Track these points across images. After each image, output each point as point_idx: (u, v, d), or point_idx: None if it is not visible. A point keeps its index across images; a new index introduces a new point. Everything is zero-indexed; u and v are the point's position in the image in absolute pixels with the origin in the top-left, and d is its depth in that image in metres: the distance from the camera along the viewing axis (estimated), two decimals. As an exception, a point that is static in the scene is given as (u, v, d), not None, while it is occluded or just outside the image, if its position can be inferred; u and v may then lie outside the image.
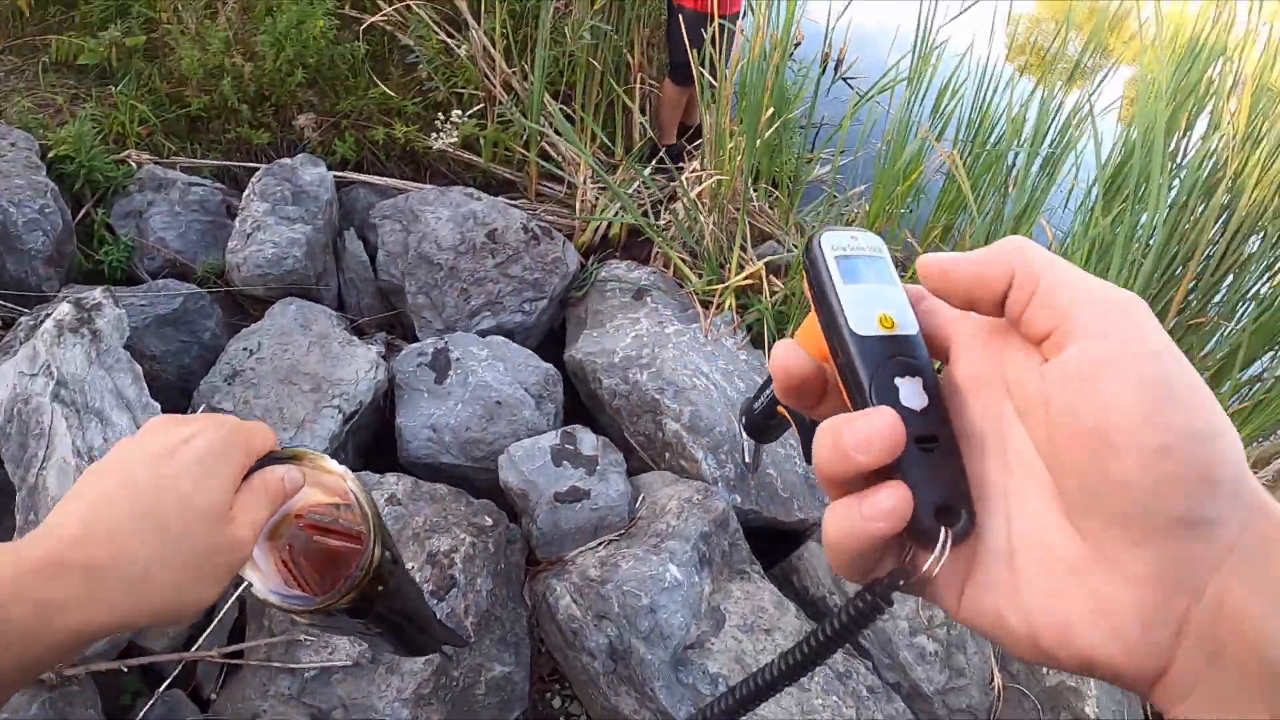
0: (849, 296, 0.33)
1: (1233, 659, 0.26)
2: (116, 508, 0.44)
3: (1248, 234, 2.61)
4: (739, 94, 2.59)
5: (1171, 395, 0.26)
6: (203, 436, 0.49)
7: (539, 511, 2.01)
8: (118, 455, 0.48)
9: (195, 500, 0.46)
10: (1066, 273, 0.29)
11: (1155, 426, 0.25)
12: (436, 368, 2.34)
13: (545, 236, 2.63)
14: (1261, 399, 2.61)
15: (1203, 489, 0.25)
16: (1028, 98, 2.63)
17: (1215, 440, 0.26)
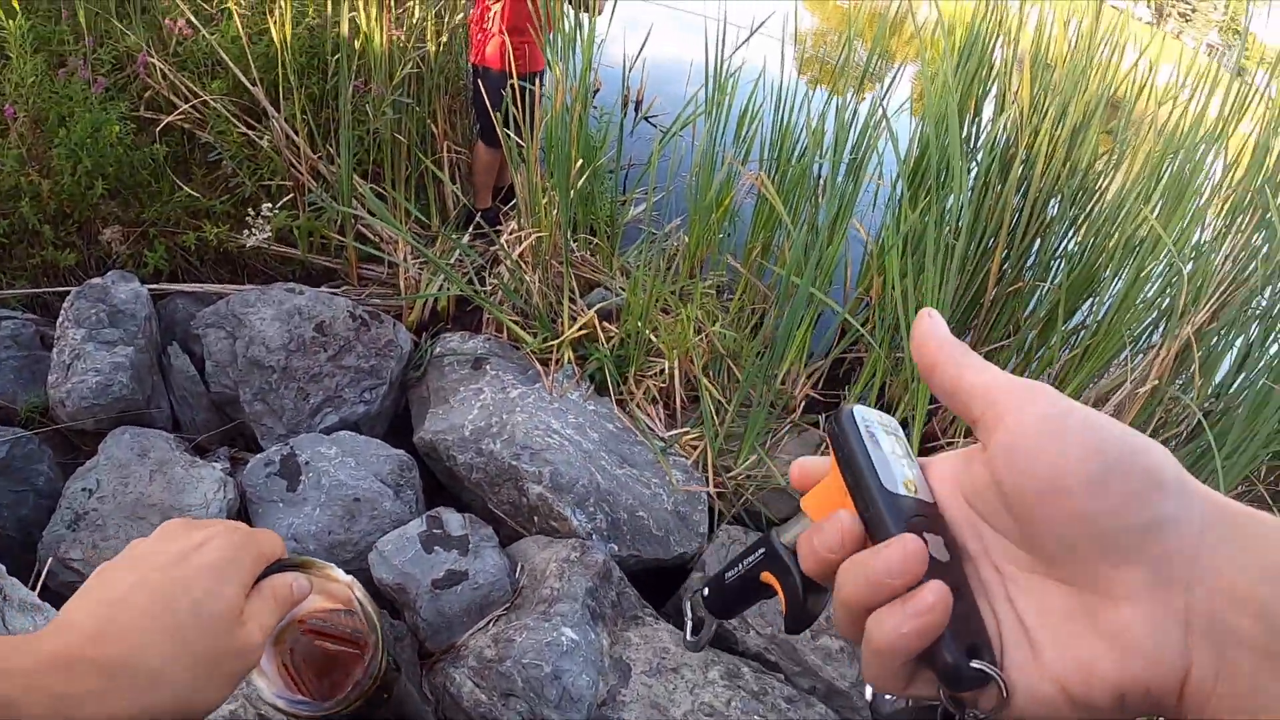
0: (880, 459, 0.42)
1: (1244, 639, 0.31)
2: (133, 608, 0.53)
3: (1047, 199, 3.20)
4: (546, 149, 3.00)
5: (1097, 431, 0.35)
6: (216, 542, 0.59)
7: (420, 603, 2.29)
8: (132, 557, 0.58)
9: (209, 605, 0.55)
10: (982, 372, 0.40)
11: (1094, 457, 0.34)
12: (286, 475, 2.65)
13: (374, 321, 3.00)
14: (1089, 344, 3.18)
15: (1153, 492, 0.33)
16: (824, 109, 3.15)
17: (1148, 452, 0.34)
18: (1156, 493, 0.34)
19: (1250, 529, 0.34)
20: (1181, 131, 3.26)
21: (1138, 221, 3.16)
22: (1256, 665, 0.31)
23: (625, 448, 2.94)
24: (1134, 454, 0.34)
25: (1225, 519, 0.34)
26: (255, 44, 3.45)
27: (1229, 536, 0.33)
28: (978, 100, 3.38)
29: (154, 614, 0.53)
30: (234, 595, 0.58)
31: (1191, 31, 7.24)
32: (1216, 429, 2.89)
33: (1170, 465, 0.35)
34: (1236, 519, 0.34)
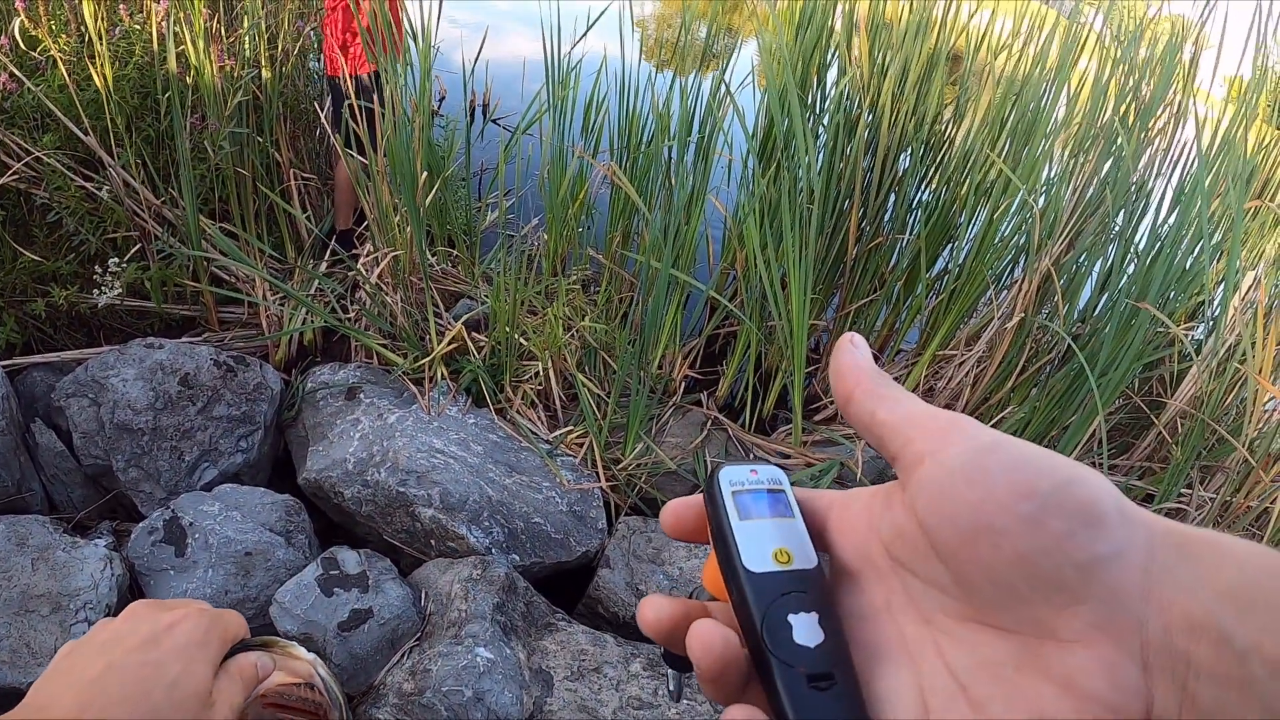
0: (744, 533, 0.39)
1: (1203, 669, 0.30)
2: (109, 693, 0.56)
3: (896, 155, 3.29)
4: (390, 165, 3.00)
5: (1028, 466, 0.33)
6: (185, 626, 0.62)
7: (330, 648, 2.30)
8: (101, 641, 0.61)
9: (181, 686, 0.58)
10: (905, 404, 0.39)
11: (1026, 495, 0.32)
12: (173, 540, 2.63)
13: (240, 365, 3.00)
14: (954, 287, 3.29)
15: (1092, 527, 0.31)
16: (669, 92, 3.19)
17: (1084, 483, 0.32)
18: (1096, 527, 0.32)
19: (1199, 550, 0.32)
20: (1022, 76, 3.39)
21: (987, 166, 3.29)
22: (1219, 695, 0.30)
23: (512, 456, 2.99)
24: (1069, 488, 0.32)
25: (1172, 543, 0.32)
26: (84, 90, 3.36)
27: (1178, 562, 0.31)
28: (820, 67, 3.46)
29: (131, 698, 0.56)
30: (205, 676, 0.61)
31: None
32: (1086, 350, 3.03)
33: (1109, 495, 0.32)
34: (1184, 542, 0.32)
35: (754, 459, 0.52)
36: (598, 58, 3.46)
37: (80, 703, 0.55)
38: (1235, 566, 0.31)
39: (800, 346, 3.00)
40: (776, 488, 0.42)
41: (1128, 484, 3.24)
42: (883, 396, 0.39)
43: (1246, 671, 0.29)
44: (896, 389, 0.40)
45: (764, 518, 0.40)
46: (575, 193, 3.30)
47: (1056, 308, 3.27)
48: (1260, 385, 2.90)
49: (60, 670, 0.59)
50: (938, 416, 0.37)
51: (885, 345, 3.91)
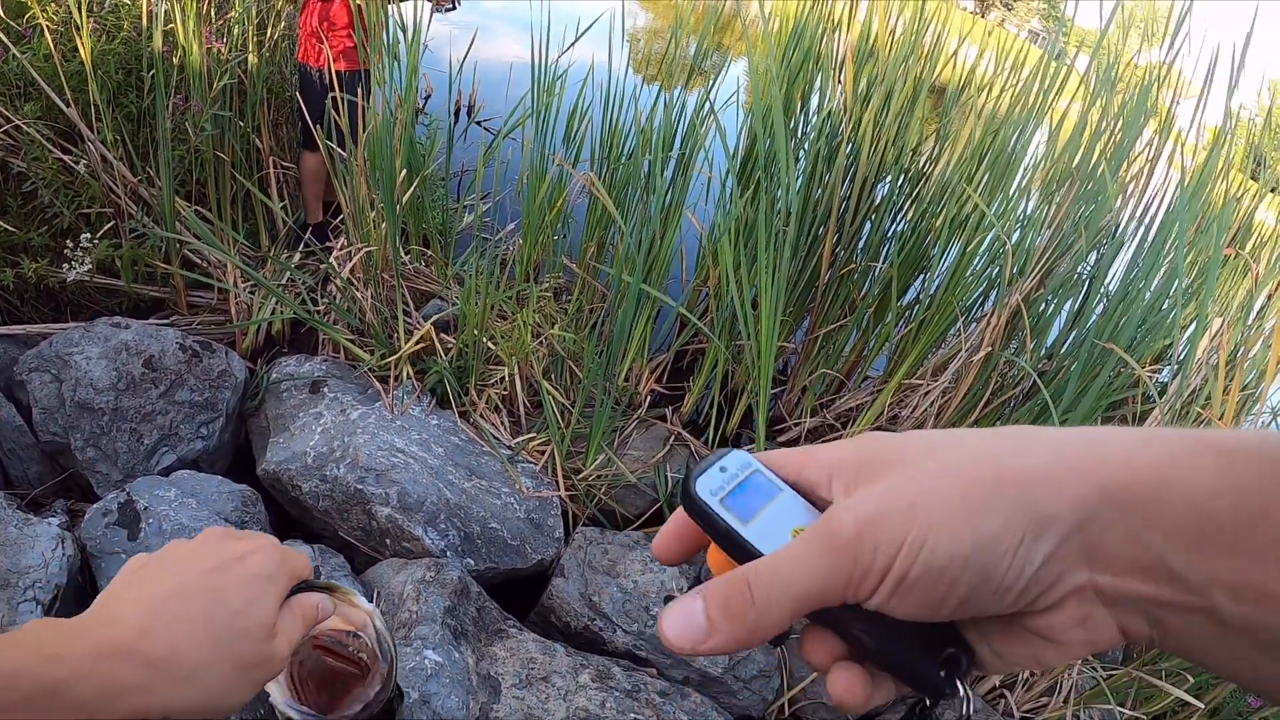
0: (756, 534, 0.41)
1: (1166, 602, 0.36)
2: (175, 610, 0.59)
3: (873, 183, 3.32)
4: (370, 160, 3.01)
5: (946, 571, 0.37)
6: (258, 557, 0.65)
7: None
8: (174, 559, 0.64)
9: (246, 614, 0.61)
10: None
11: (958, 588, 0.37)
12: (126, 524, 2.61)
13: (206, 351, 3.00)
14: (923, 317, 3.33)
15: (1017, 555, 0.36)
16: (653, 106, 3.22)
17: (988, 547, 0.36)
18: (1022, 549, 0.36)
19: (1141, 499, 0.36)
20: (1003, 112, 3.44)
21: (963, 200, 3.33)
22: (1188, 620, 0.35)
23: (472, 459, 3.01)
24: (995, 538, 0.36)
25: (1112, 500, 0.36)
26: (69, 61, 3.35)
27: (1119, 516, 0.35)
28: (805, 91, 3.49)
29: (196, 618, 0.59)
30: (270, 608, 0.63)
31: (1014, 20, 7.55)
32: (1051, 387, 3.07)
33: (1030, 508, 0.36)
34: (1126, 495, 0.36)
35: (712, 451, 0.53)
36: (586, 66, 3.48)
37: (147, 619, 0.58)
38: (1179, 509, 0.35)
39: (767, 367, 3.03)
40: (752, 470, 0.43)
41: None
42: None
43: (1209, 600, 0.34)
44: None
45: (762, 508, 0.42)
46: (553, 200, 3.31)
47: (1024, 343, 3.31)
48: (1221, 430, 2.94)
49: (130, 584, 0.62)
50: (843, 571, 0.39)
51: (852, 371, 3.95)
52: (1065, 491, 0.36)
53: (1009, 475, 0.37)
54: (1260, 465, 0.35)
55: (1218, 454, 0.36)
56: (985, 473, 0.38)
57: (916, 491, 0.38)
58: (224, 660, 0.59)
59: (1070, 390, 2.99)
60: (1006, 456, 0.38)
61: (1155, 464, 0.36)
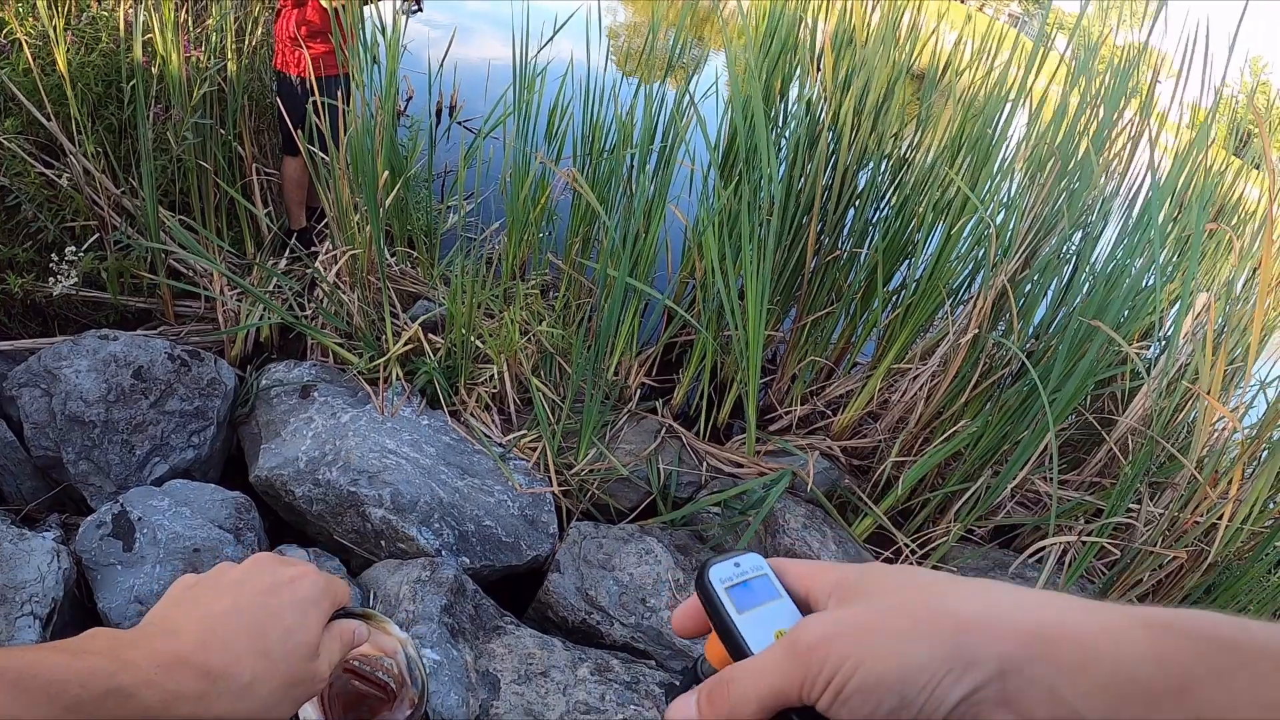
0: (746, 624, 0.46)
1: None
2: (232, 626, 0.62)
3: (855, 171, 3.34)
4: (352, 163, 3.03)
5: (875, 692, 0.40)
6: (304, 581, 0.69)
7: None
8: (227, 580, 0.67)
9: (295, 634, 0.65)
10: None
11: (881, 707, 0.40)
12: (121, 535, 2.63)
13: (195, 360, 3.01)
14: (910, 302, 3.36)
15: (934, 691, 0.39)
16: (633, 100, 3.23)
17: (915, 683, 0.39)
18: (942, 685, 0.39)
19: (1064, 653, 0.38)
20: (984, 95, 3.46)
21: (945, 183, 3.35)
22: None
23: (464, 458, 3.02)
24: (919, 670, 0.39)
25: (1035, 652, 0.38)
26: (49, 75, 3.35)
27: (1040, 669, 0.38)
28: (784, 81, 3.51)
29: (250, 634, 0.62)
30: (315, 630, 0.67)
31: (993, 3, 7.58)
32: (1040, 367, 3.10)
33: (957, 648, 0.40)
34: (1049, 648, 0.38)
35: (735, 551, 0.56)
36: (565, 63, 3.50)
37: (204, 631, 0.61)
38: (1103, 671, 0.37)
39: (755, 357, 3.05)
40: (760, 573, 0.49)
41: (1079, 499, 3.30)
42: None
43: None
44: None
45: (759, 605, 0.47)
46: (537, 197, 3.33)
47: (1011, 324, 3.34)
48: (1210, 405, 2.97)
49: (181, 602, 0.65)
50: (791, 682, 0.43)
51: (841, 358, 3.97)
52: (994, 639, 0.39)
53: (947, 616, 0.41)
54: (1192, 644, 0.37)
55: (1148, 627, 0.38)
56: (929, 611, 0.42)
57: (872, 619, 0.43)
58: (275, 676, 0.62)
59: (1058, 369, 3.01)
60: (952, 599, 0.42)
61: (1086, 627, 0.39)
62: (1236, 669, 0.36)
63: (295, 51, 3.59)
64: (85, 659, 0.53)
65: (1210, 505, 2.98)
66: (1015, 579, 3.22)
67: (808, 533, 3.08)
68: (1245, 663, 0.36)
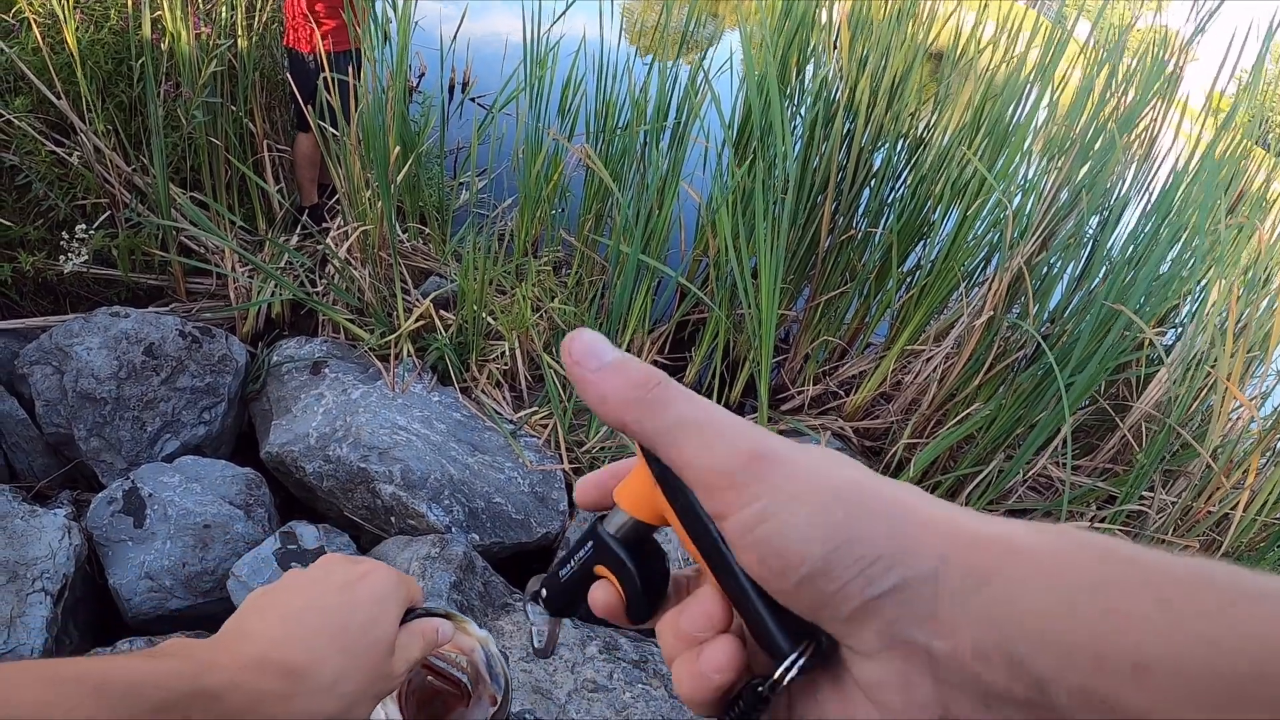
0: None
1: (1002, 692, 0.33)
2: (310, 624, 0.62)
3: (871, 151, 3.33)
4: (364, 139, 3.03)
5: (821, 519, 0.36)
6: (376, 576, 0.68)
7: None
8: (300, 582, 0.67)
9: (373, 630, 0.64)
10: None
11: (815, 545, 0.35)
12: (132, 511, 2.64)
13: (206, 336, 3.02)
14: (925, 284, 3.35)
15: (873, 567, 0.35)
16: (646, 76, 3.23)
17: (854, 544, 0.35)
18: (875, 567, 0.34)
19: (997, 582, 0.34)
20: (1003, 77, 3.44)
21: (963, 164, 3.34)
22: (1026, 717, 0.33)
23: (475, 435, 3.04)
24: (854, 540, 0.35)
25: (970, 575, 0.34)
26: (58, 54, 3.37)
27: (970, 592, 0.34)
28: (800, 59, 3.50)
29: (329, 631, 0.62)
30: (391, 625, 0.67)
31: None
32: (1056, 350, 3.09)
33: (897, 535, 0.35)
34: (984, 574, 0.34)
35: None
36: (579, 39, 3.50)
37: (284, 631, 0.61)
38: (1033, 600, 0.33)
39: (768, 336, 3.05)
40: None
41: (1092, 485, 3.30)
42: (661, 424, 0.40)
43: (1049, 698, 0.32)
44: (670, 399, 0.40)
45: None
46: (549, 174, 3.33)
47: (1026, 307, 3.33)
48: (1229, 391, 2.96)
49: (257, 606, 0.64)
50: (747, 469, 0.38)
51: (855, 339, 3.97)
52: (926, 549, 0.35)
53: (896, 502, 0.37)
54: (1132, 570, 0.33)
55: (1100, 559, 0.33)
56: (875, 494, 0.37)
57: (825, 464, 0.38)
58: (357, 671, 0.62)
59: (1078, 352, 3.00)
60: (903, 491, 0.37)
61: (1021, 560, 0.34)
62: (1166, 600, 0.31)
63: (306, 27, 3.59)
64: (166, 662, 0.54)
65: (1224, 495, 2.97)
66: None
67: (819, 514, 3.07)
68: (1192, 595, 0.31)
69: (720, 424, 0.39)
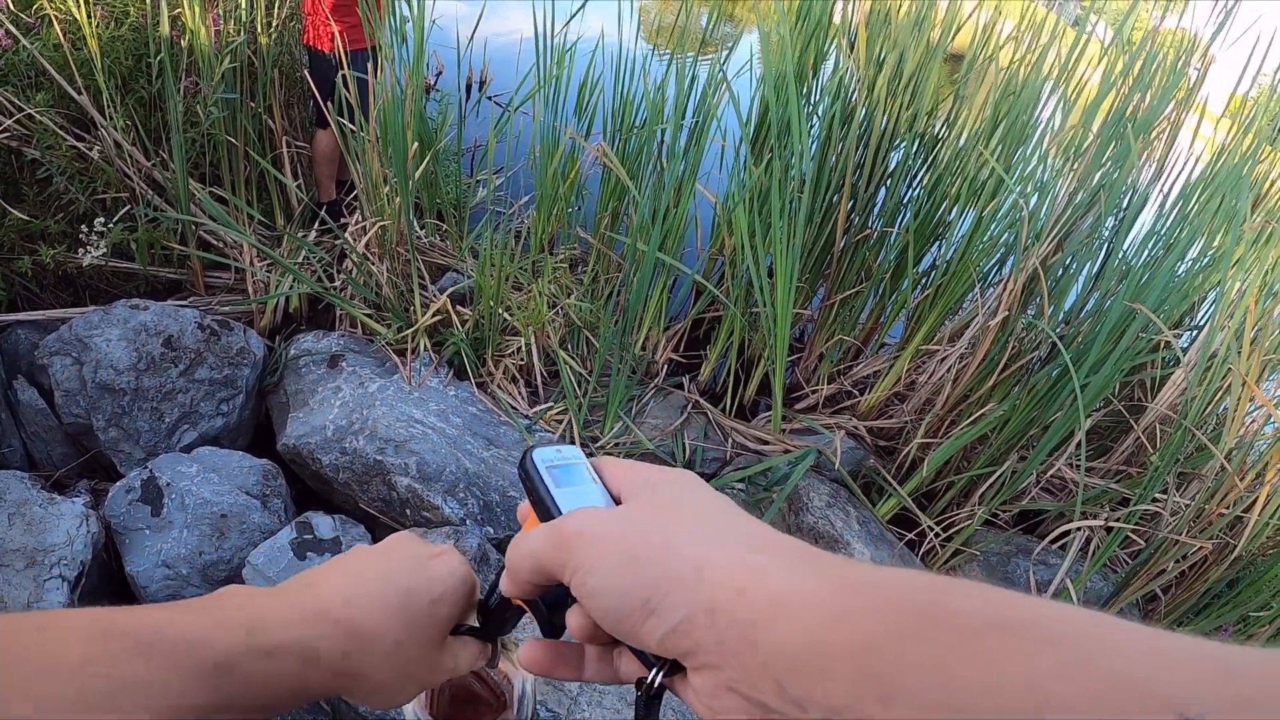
0: (561, 496, 0.52)
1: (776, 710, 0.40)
2: (378, 590, 0.61)
3: (888, 150, 3.37)
4: (382, 135, 3.09)
5: (609, 602, 0.46)
6: (450, 558, 0.67)
7: None
8: (372, 553, 0.66)
9: (440, 606, 0.63)
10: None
11: (611, 608, 0.45)
12: (149, 500, 2.70)
13: (224, 329, 3.07)
14: (940, 284, 3.38)
15: (650, 617, 0.44)
16: (665, 75, 3.28)
17: (657, 583, 0.44)
18: (660, 611, 0.43)
19: (759, 613, 0.40)
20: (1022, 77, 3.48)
21: (980, 164, 3.37)
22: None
23: (490, 429, 3.08)
24: (641, 592, 0.44)
25: (735, 608, 0.41)
26: (80, 50, 3.43)
27: (736, 624, 0.40)
28: (817, 58, 3.54)
29: (397, 600, 0.61)
30: (458, 605, 0.65)
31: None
32: (1071, 350, 3.11)
33: (678, 585, 0.43)
34: (749, 606, 0.41)
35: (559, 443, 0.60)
36: (596, 38, 3.55)
37: (350, 589, 0.60)
38: (790, 629, 0.39)
39: (783, 335, 3.09)
40: (579, 462, 0.55)
41: (1105, 486, 3.32)
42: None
43: (809, 714, 0.38)
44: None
45: (573, 486, 0.53)
46: (566, 172, 3.38)
47: (1042, 308, 3.35)
48: (1247, 390, 2.98)
49: (327, 568, 0.64)
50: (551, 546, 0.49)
51: (869, 338, 4.00)
52: (691, 588, 0.43)
53: (670, 558, 0.45)
54: (880, 608, 0.38)
55: (841, 587, 0.40)
56: (655, 546, 0.45)
57: (618, 531, 0.47)
58: (416, 647, 0.61)
59: (1094, 353, 3.02)
60: (681, 538, 0.46)
61: (781, 585, 0.41)
62: (917, 635, 0.36)
63: (325, 26, 3.65)
64: (221, 616, 0.53)
65: (1238, 497, 2.99)
66: (1038, 565, 3.25)
67: (831, 511, 3.12)
68: (926, 630, 0.36)
69: (539, 532, 0.50)
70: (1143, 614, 3.26)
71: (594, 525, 0.48)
